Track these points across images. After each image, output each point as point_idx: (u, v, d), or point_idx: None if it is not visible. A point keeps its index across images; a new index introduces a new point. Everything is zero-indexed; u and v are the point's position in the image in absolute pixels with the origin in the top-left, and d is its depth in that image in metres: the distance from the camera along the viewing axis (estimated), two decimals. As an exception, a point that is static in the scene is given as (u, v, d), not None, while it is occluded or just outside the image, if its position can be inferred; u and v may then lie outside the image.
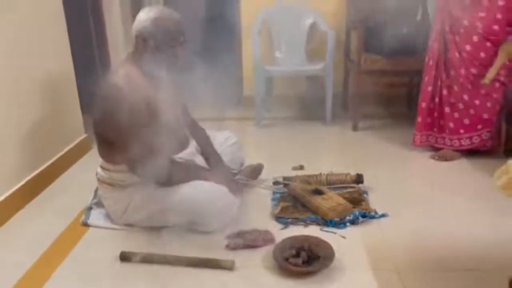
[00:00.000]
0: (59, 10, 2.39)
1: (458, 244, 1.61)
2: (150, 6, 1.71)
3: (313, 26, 3.18)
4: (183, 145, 1.88)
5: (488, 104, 2.28)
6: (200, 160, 1.90)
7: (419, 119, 2.46)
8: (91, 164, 2.43)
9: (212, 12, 3.98)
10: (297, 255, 1.49)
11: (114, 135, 1.61)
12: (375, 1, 2.97)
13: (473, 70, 2.22)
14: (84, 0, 3.05)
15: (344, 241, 1.64)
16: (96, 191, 1.94)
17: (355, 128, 2.91)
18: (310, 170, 2.20)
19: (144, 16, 1.64)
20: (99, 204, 1.89)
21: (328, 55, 2.93)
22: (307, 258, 1.48)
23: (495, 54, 2.15)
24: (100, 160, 1.78)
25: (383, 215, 1.81)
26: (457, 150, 2.38)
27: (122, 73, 1.63)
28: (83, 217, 1.85)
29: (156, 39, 1.62)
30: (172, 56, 1.66)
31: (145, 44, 1.64)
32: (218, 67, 2.97)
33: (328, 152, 2.67)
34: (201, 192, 1.67)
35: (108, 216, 1.82)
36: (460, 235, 1.67)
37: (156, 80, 1.68)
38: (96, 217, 1.85)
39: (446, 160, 2.38)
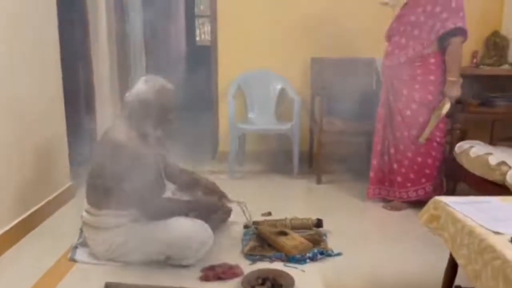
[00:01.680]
0: (57, 79, 2.69)
1: (397, 276, 1.91)
2: (149, 77, 1.93)
3: (282, 91, 3.60)
4: (162, 191, 2.11)
5: (429, 161, 2.67)
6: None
7: (372, 174, 2.80)
8: (75, 209, 2.64)
9: (193, 79, 4.39)
10: (263, 283, 1.72)
11: (110, 183, 1.82)
12: (335, 72, 3.44)
13: (414, 132, 2.62)
14: (74, 53, 3.33)
15: (303, 274, 1.89)
16: (81, 232, 2.11)
17: (318, 181, 3.22)
18: (277, 216, 2.45)
19: (145, 87, 1.87)
20: (83, 244, 2.07)
21: (294, 117, 3.31)
22: (271, 286, 1.72)
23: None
24: (85, 205, 1.99)
25: (338, 254, 2.08)
26: (405, 201, 2.72)
27: (119, 133, 1.85)
28: (70, 254, 2.04)
29: (157, 108, 1.87)
30: (168, 121, 1.94)
31: (144, 111, 1.86)
32: (198, 126, 3.29)
33: (294, 201, 2.95)
34: (178, 230, 1.89)
35: (92, 253, 2.00)
36: (400, 270, 1.97)
37: (148, 140, 1.94)
38: (82, 254, 2.03)
39: (395, 210, 2.70)
